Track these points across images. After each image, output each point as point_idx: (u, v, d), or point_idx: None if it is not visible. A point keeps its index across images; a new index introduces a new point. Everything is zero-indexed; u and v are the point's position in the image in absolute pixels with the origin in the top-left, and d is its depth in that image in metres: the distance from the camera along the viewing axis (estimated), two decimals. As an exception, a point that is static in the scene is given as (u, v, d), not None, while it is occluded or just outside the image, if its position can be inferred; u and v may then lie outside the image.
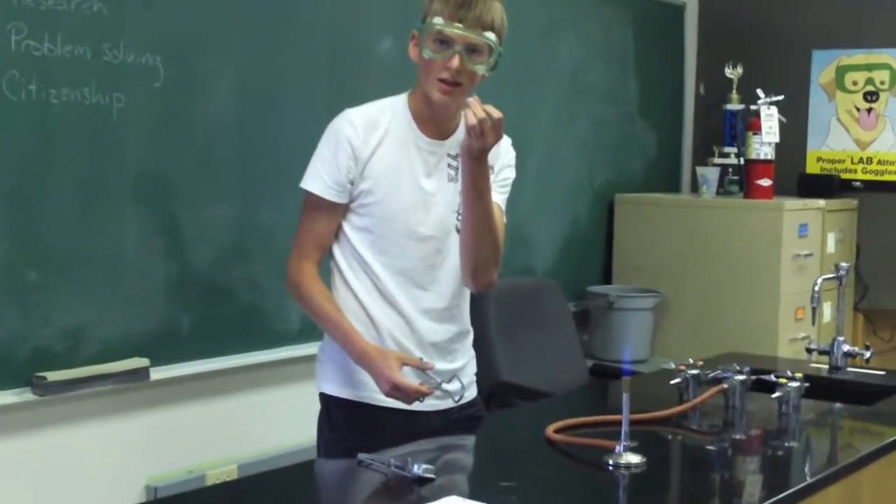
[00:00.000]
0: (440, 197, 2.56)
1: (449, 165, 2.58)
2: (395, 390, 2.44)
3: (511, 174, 2.68)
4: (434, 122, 2.56)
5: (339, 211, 2.54)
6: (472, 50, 2.45)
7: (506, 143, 2.67)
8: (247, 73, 3.46)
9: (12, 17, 2.86)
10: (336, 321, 2.54)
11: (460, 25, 2.42)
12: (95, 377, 3.09)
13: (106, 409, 3.22)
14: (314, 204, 2.53)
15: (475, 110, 2.36)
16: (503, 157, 2.66)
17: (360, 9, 3.79)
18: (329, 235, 2.56)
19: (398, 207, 2.52)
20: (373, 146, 2.50)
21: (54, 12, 2.94)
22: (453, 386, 2.61)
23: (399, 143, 2.53)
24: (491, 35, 2.45)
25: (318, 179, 2.51)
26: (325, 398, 2.63)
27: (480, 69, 2.47)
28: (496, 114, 2.37)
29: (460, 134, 2.51)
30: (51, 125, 2.97)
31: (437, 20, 2.41)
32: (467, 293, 2.68)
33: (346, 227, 2.55)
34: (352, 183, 2.51)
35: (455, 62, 2.44)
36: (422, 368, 2.50)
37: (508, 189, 2.68)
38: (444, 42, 2.44)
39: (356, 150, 2.49)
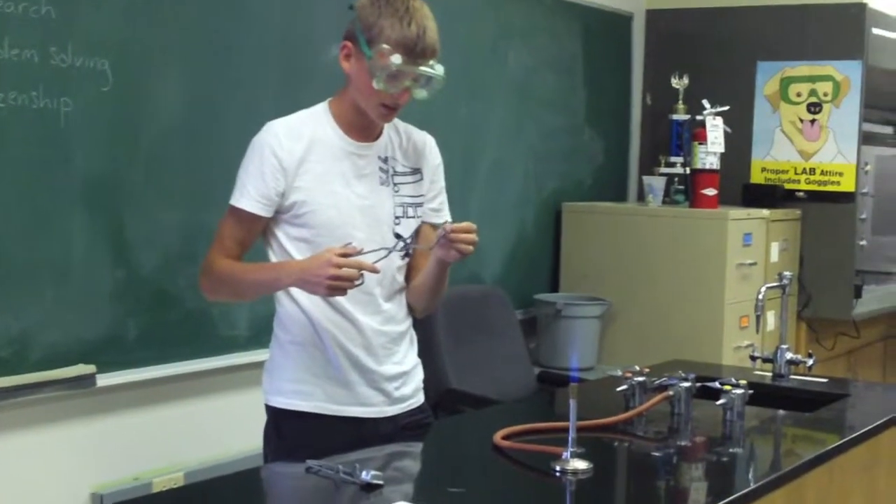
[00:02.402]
0: (373, 200, 2.57)
1: (380, 168, 2.59)
2: (337, 268, 2.35)
3: (441, 174, 2.72)
4: (363, 128, 2.58)
5: (263, 222, 2.54)
6: (417, 78, 2.48)
7: (430, 143, 2.71)
8: (195, 78, 3.45)
9: (-42, 21, 2.83)
10: (253, 266, 2.54)
11: (414, 65, 2.44)
12: (41, 383, 3.06)
13: (51, 416, 3.19)
14: (240, 215, 2.52)
15: (466, 238, 2.44)
16: (430, 161, 2.69)
17: (310, 15, 3.79)
18: (250, 241, 2.57)
19: (333, 214, 2.52)
20: (299, 157, 2.50)
21: (1, 15, 2.91)
22: (398, 244, 2.57)
23: (327, 151, 2.54)
24: (440, 68, 2.48)
25: (246, 195, 2.50)
26: (272, 410, 2.63)
27: (423, 95, 2.50)
28: (473, 227, 2.47)
29: (387, 137, 2.60)
30: (-3, 129, 2.95)
31: (395, 59, 2.41)
32: (404, 294, 2.69)
33: (282, 237, 2.55)
34: (280, 195, 2.50)
35: (406, 96, 2.49)
36: (354, 252, 2.40)
37: (444, 192, 2.73)
38: (396, 76, 2.45)
39: (282, 162, 2.49)
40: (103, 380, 3.23)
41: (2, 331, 3.00)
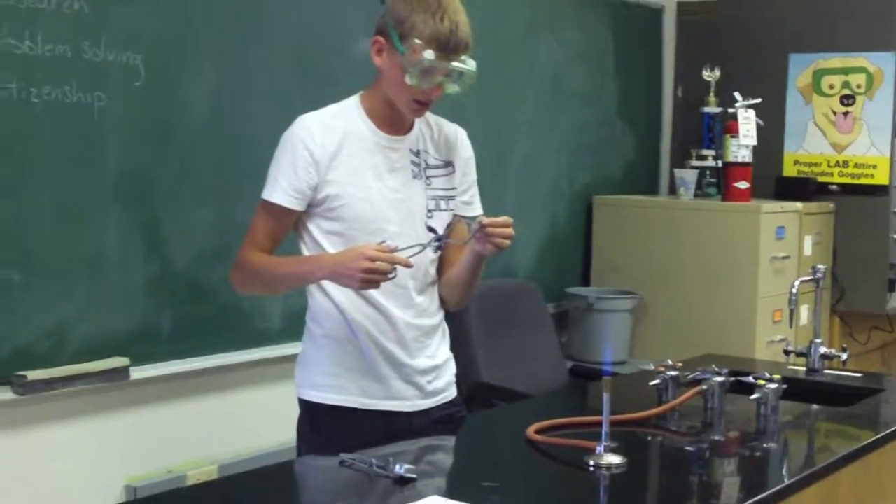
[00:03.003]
0: (405, 194, 2.57)
1: (412, 162, 2.59)
2: (371, 262, 2.34)
3: (472, 167, 2.72)
4: (394, 121, 2.58)
5: (295, 215, 2.54)
6: (449, 73, 2.48)
7: (462, 136, 2.71)
8: (227, 72, 3.46)
9: (-7, 16, 2.85)
10: (286, 259, 2.55)
11: (447, 60, 2.43)
12: (76, 376, 3.09)
13: (86, 409, 3.22)
14: (272, 209, 2.53)
15: (503, 232, 2.45)
16: (461, 153, 2.69)
17: (340, 9, 3.79)
18: (283, 235, 2.57)
19: (366, 208, 2.52)
20: (332, 150, 2.50)
21: (34, 11, 2.93)
22: (432, 240, 2.57)
23: (359, 145, 2.54)
24: (473, 63, 2.48)
25: (279, 189, 2.51)
26: (305, 404, 2.63)
27: (455, 90, 2.50)
28: (510, 221, 2.47)
29: (419, 130, 2.60)
30: (32, 124, 2.97)
31: (429, 55, 2.41)
32: (436, 287, 2.69)
33: (314, 231, 2.55)
34: (313, 189, 2.50)
35: (438, 93, 2.49)
36: (389, 250, 2.40)
37: (476, 185, 2.73)
38: (429, 72, 2.45)
39: (314, 155, 2.49)
40: (137, 372, 3.25)
41: (38, 324, 3.02)
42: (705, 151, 5.27)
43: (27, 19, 2.92)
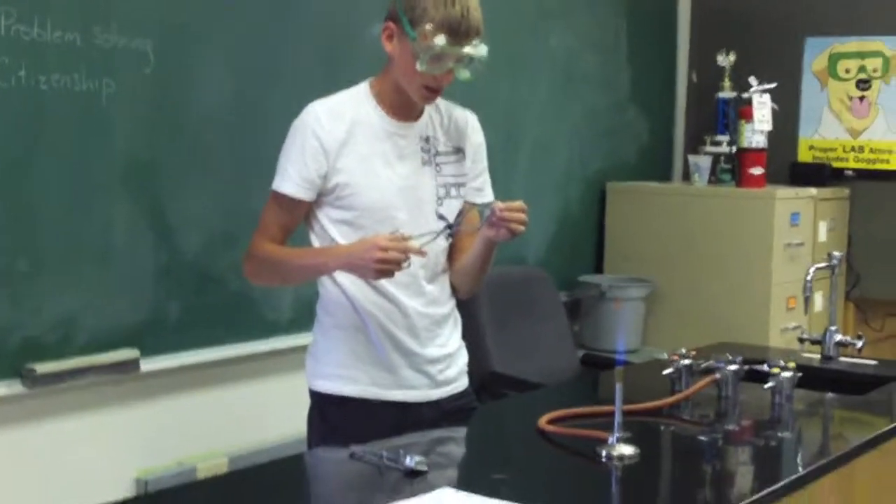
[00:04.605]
0: (415, 181, 2.56)
1: (422, 149, 2.57)
2: (384, 251, 2.34)
3: (483, 153, 2.70)
4: (404, 108, 2.56)
5: (306, 205, 2.53)
6: (460, 59, 2.45)
7: (472, 121, 2.69)
8: (237, 59, 3.43)
9: (1, 2, 2.83)
10: (299, 251, 2.55)
11: (458, 46, 2.41)
12: (85, 369, 3.07)
13: (96, 401, 3.20)
14: (282, 200, 2.52)
15: (517, 217, 2.44)
16: (472, 139, 2.67)
17: (352, -5, 3.77)
18: (294, 225, 2.57)
19: (376, 196, 2.51)
20: (341, 138, 2.49)
21: (43, -4, 2.92)
22: (441, 224, 2.56)
23: (368, 132, 2.52)
24: (484, 49, 2.45)
25: (288, 179, 2.50)
26: (315, 395, 2.62)
27: (466, 76, 2.48)
28: (524, 206, 2.45)
29: (428, 116, 2.58)
30: (40, 111, 2.94)
31: (440, 41, 2.39)
32: (447, 276, 2.67)
33: (324, 220, 2.54)
34: (322, 178, 2.49)
35: (449, 78, 2.47)
36: (403, 239, 2.40)
37: (486, 172, 2.71)
38: (439, 58, 2.43)
39: (324, 143, 2.47)
40: (147, 364, 3.23)
41: (47, 316, 3.01)
42: (719, 137, 5.23)
43: (36, 5, 2.90)
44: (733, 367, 2.78)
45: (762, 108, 4.87)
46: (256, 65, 3.49)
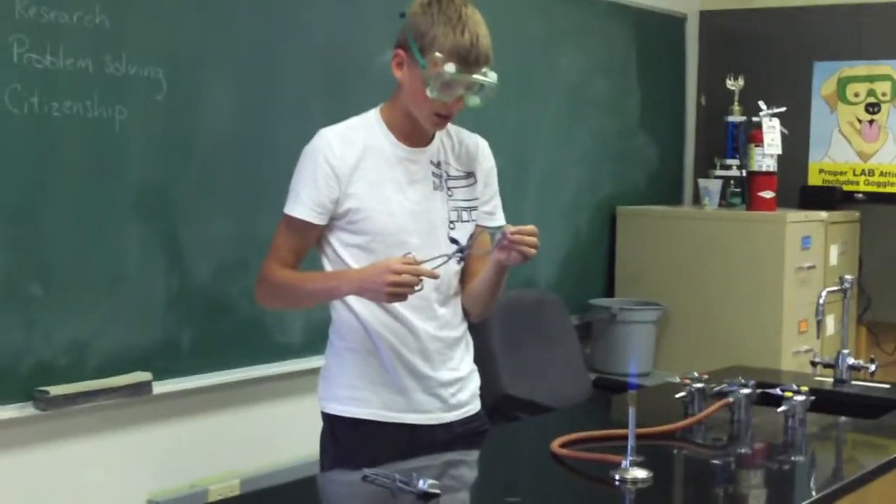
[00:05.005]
0: (427, 206, 2.56)
1: (433, 174, 2.58)
2: (397, 275, 2.34)
3: (494, 178, 2.71)
4: (415, 134, 2.56)
5: (318, 230, 2.53)
6: (470, 86, 2.46)
7: (482, 146, 2.70)
8: (247, 86, 3.45)
9: (14, 30, 2.85)
10: (311, 275, 2.55)
11: (468, 73, 2.42)
12: (98, 391, 3.08)
13: (108, 424, 3.21)
14: (294, 224, 2.52)
15: (528, 241, 2.44)
16: (483, 164, 2.68)
17: (360, 21, 3.78)
18: (306, 249, 2.57)
19: (388, 220, 2.51)
20: (352, 164, 2.49)
21: (56, 25, 2.93)
22: (453, 248, 2.56)
23: (379, 157, 2.53)
24: (494, 76, 2.46)
25: (300, 203, 2.50)
26: (328, 417, 2.62)
27: (477, 102, 2.48)
28: (535, 230, 2.46)
29: (439, 141, 2.59)
30: (53, 138, 2.97)
31: (450, 69, 2.40)
32: (459, 299, 2.67)
33: (336, 244, 2.54)
34: (334, 203, 2.49)
35: (460, 105, 2.48)
36: (414, 262, 2.40)
37: (498, 196, 2.72)
38: (449, 85, 2.44)
39: (335, 169, 2.48)
40: (159, 387, 3.24)
41: (59, 339, 3.02)
42: (729, 161, 5.23)
43: (49, 33, 2.92)
44: (746, 391, 2.78)
45: (771, 132, 4.88)
46: (266, 91, 3.51)
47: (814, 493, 2.32)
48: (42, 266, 2.98)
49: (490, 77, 2.46)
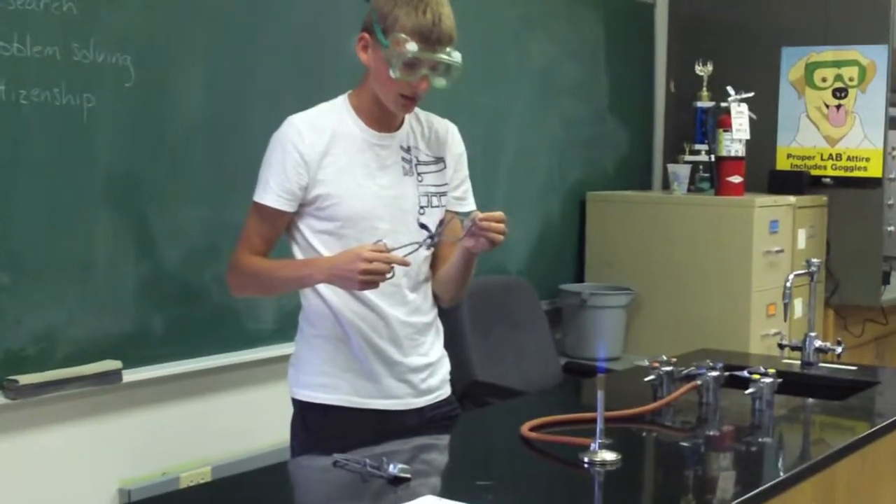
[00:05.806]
0: (397, 191, 2.57)
1: (403, 159, 2.59)
2: (368, 263, 2.35)
3: (464, 163, 2.71)
4: (383, 119, 2.57)
5: (287, 217, 2.54)
6: (434, 66, 2.46)
7: (452, 131, 2.71)
8: (217, 73, 3.44)
9: (-21, 19, 2.84)
10: (282, 263, 2.55)
11: (431, 52, 2.43)
12: (68, 380, 3.07)
13: (78, 412, 3.20)
14: (263, 211, 2.53)
15: (496, 227, 2.43)
16: (453, 149, 2.69)
17: (331, 9, 3.77)
18: (276, 236, 2.57)
19: (358, 206, 2.51)
20: (321, 150, 2.50)
21: (23, 12, 2.91)
22: (423, 233, 2.56)
23: (349, 143, 2.53)
24: (458, 55, 2.47)
25: (269, 191, 2.50)
26: (298, 403, 2.63)
27: (442, 84, 2.49)
28: (503, 216, 2.45)
29: (409, 126, 2.60)
30: (21, 126, 2.95)
31: (411, 47, 2.41)
32: (429, 285, 2.68)
33: (306, 231, 2.55)
34: (303, 189, 2.50)
35: (424, 85, 2.48)
36: (384, 249, 2.40)
37: (468, 181, 2.72)
38: (413, 65, 2.44)
39: (304, 155, 2.48)
40: (129, 375, 3.23)
41: (28, 328, 3.00)
42: (698, 146, 5.26)
43: (16, 21, 2.90)
44: (714, 374, 2.80)
45: (740, 117, 4.91)
46: (236, 78, 3.50)
47: (781, 473, 2.35)
48: (10, 254, 2.96)
49: (454, 57, 2.47)
